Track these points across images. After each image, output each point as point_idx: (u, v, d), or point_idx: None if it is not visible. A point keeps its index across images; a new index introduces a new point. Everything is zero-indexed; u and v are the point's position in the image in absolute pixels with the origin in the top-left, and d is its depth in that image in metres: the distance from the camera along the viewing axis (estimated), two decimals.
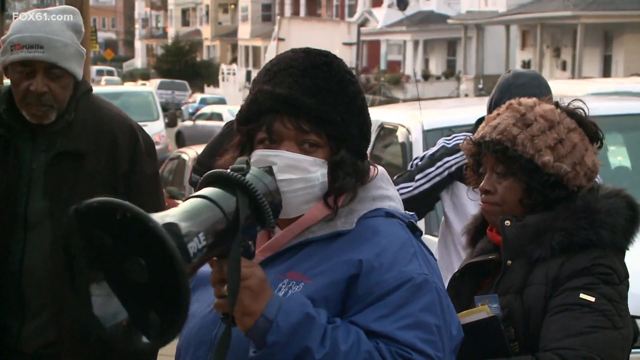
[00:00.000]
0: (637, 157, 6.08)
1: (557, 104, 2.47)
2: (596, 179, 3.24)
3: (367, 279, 1.77)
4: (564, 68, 37.22)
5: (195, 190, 1.72)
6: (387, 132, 6.19)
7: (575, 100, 2.51)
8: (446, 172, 3.58)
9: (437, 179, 3.60)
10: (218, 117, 26.38)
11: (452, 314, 1.89)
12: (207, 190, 1.67)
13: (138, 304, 1.57)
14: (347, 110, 1.85)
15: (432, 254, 1.91)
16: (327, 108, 1.82)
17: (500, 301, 2.33)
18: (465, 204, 3.55)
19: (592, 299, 2.24)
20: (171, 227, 1.53)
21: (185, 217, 1.58)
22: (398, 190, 3.61)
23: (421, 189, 3.60)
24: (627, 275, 2.36)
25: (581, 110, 2.47)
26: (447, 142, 3.73)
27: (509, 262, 2.37)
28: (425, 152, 3.83)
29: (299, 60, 1.86)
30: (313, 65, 1.85)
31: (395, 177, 3.70)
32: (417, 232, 1.91)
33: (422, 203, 3.67)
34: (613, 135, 5.95)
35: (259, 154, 1.84)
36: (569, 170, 2.36)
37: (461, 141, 3.66)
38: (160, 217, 1.53)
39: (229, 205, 1.65)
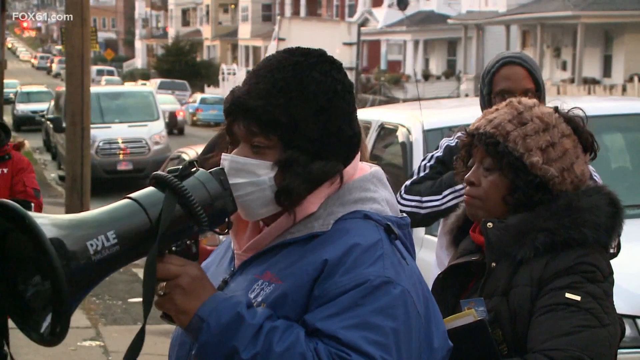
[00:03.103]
0: (638, 157, 6.07)
1: (556, 109, 2.47)
2: (595, 178, 3.24)
3: (325, 280, 1.75)
4: (564, 68, 37.22)
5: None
6: (387, 132, 6.19)
7: (575, 107, 2.50)
8: None
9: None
10: None
11: (436, 324, 1.86)
12: (139, 192, 1.70)
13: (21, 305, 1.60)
14: (301, 111, 1.81)
15: (407, 259, 1.86)
16: (274, 110, 1.80)
17: (486, 304, 2.32)
18: None
19: (578, 298, 2.24)
20: (54, 222, 1.55)
21: (94, 216, 1.61)
22: (425, 202, 3.61)
23: (449, 204, 3.57)
24: (612, 272, 2.36)
25: (579, 119, 2.47)
26: (451, 141, 3.72)
27: (493, 264, 2.37)
28: (432, 153, 3.80)
29: (272, 61, 1.87)
30: (280, 65, 1.85)
31: (410, 182, 3.67)
32: (392, 235, 1.85)
33: (444, 215, 3.67)
34: (614, 135, 5.95)
35: (222, 157, 1.87)
36: (556, 175, 2.36)
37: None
38: (51, 216, 1.56)
39: (157, 206, 1.67)
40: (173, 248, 1.72)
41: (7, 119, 27.63)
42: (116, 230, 1.60)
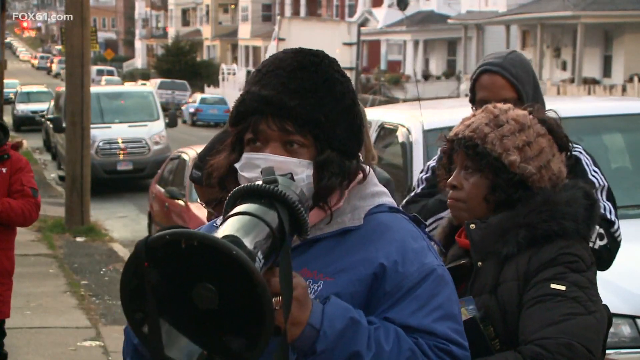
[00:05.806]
0: (638, 157, 6.07)
1: (530, 111, 2.57)
2: (595, 179, 3.25)
3: (394, 274, 1.81)
4: (564, 68, 37.23)
5: (229, 202, 1.69)
6: (387, 132, 6.19)
7: (549, 110, 2.61)
8: None
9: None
10: None
11: None
12: (246, 207, 1.63)
13: (204, 332, 1.53)
14: (332, 110, 1.86)
15: (437, 244, 1.98)
16: (311, 109, 1.83)
17: (476, 302, 2.39)
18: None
19: (563, 288, 2.31)
20: (246, 251, 1.49)
21: (243, 238, 1.54)
22: None
23: (430, 233, 3.50)
24: (594, 262, 2.43)
25: (553, 120, 2.57)
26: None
27: (480, 263, 2.44)
28: (429, 163, 3.73)
29: (288, 61, 1.87)
30: (301, 65, 1.86)
31: (407, 200, 3.55)
32: (422, 225, 1.97)
33: None
34: (614, 135, 5.95)
35: (245, 157, 1.86)
36: (534, 172, 2.45)
37: None
38: (230, 241, 1.49)
39: (272, 219, 1.62)
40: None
41: (7, 119, 27.64)
42: (261, 250, 1.56)
